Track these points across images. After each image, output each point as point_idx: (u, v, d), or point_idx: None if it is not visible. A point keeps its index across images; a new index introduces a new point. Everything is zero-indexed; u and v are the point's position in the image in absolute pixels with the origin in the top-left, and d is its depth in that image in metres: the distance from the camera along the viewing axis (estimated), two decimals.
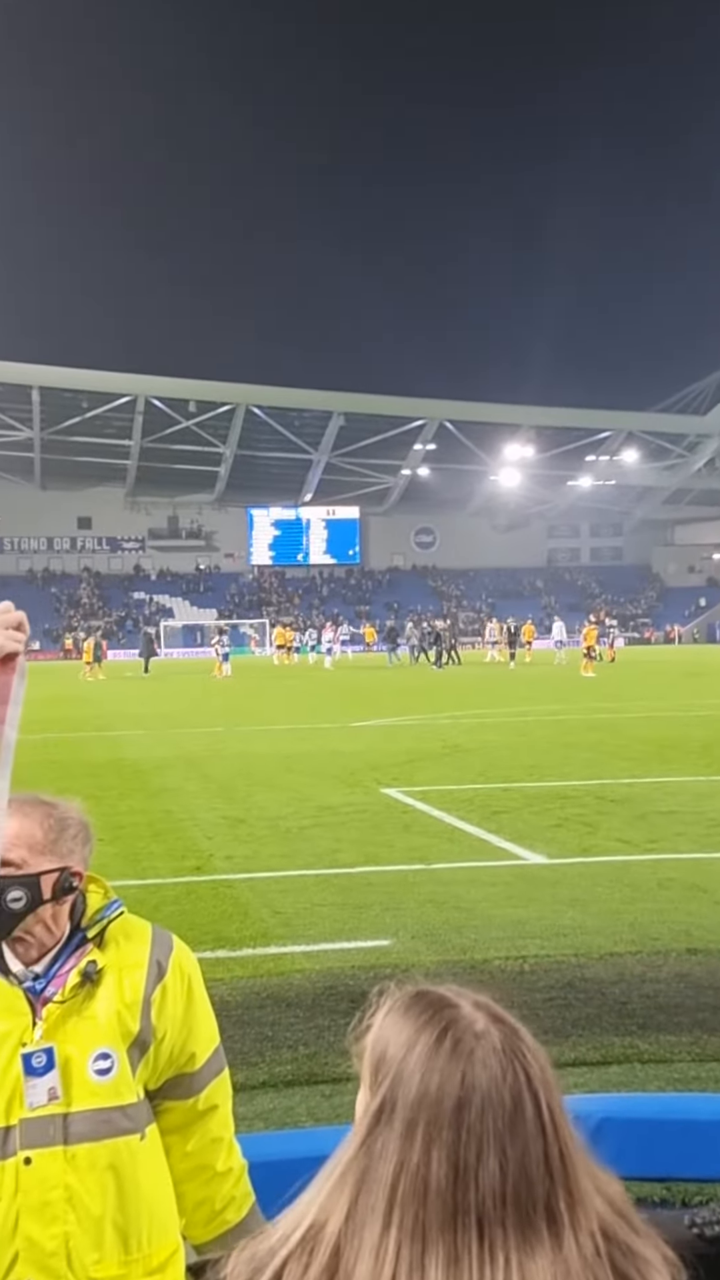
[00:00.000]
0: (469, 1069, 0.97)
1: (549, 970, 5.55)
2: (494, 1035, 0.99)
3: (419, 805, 10.74)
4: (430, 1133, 0.95)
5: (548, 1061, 1.00)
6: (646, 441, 73.30)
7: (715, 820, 9.64)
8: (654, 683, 30.18)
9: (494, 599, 78.67)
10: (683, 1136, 3.06)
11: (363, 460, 73.97)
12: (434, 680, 33.65)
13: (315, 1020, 4.85)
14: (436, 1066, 0.97)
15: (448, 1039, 0.99)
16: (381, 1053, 1.00)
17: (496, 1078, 0.96)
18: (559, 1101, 0.99)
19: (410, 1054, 0.98)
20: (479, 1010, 1.02)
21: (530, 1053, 0.99)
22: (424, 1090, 0.96)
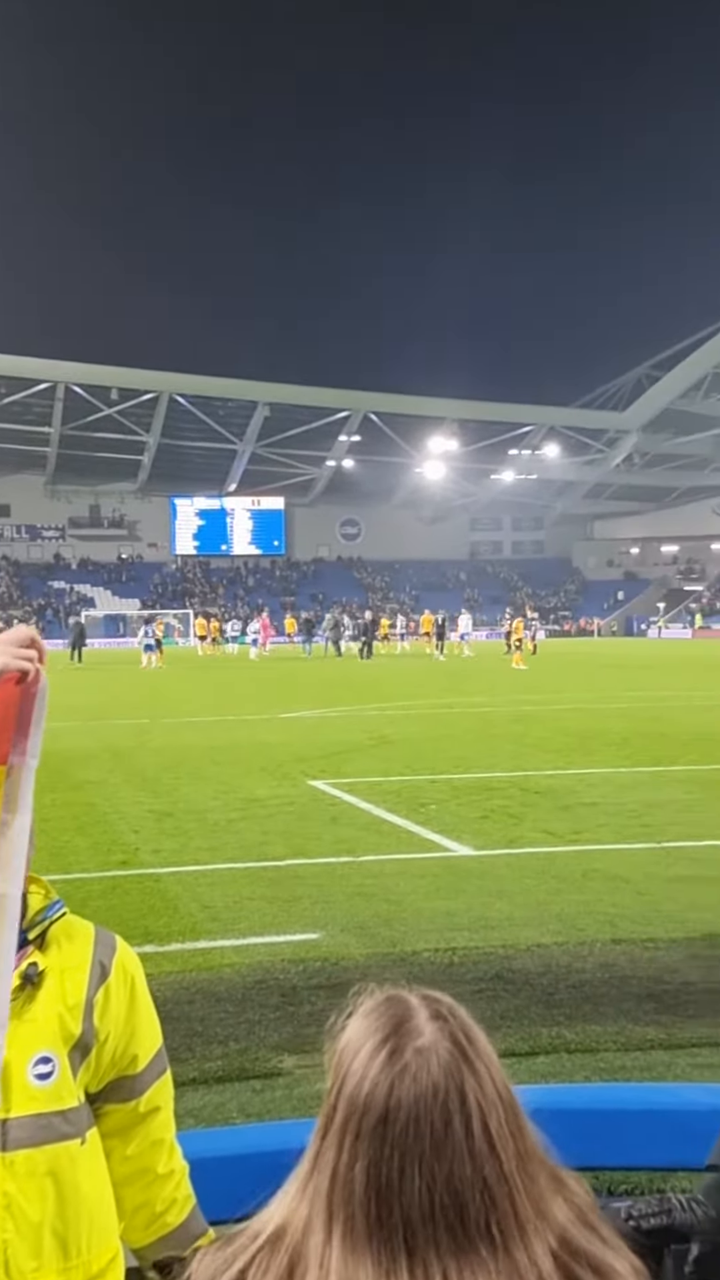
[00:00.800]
0: (399, 1083, 0.95)
1: (477, 962, 5.60)
2: (439, 1050, 0.96)
3: (346, 797, 10.76)
4: (356, 1143, 0.94)
5: (499, 1081, 0.98)
6: (567, 437, 74.27)
7: (636, 812, 9.82)
8: (575, 675, 30.64)
9: (418, 591, 79.11)
10: (609, 1126, 3.11)
11: (288, 451, 73.74)
12: (360, 672, 33.73)
13: (245, 1015, 4.84)
14: (370, 1076, 0.95)
15: (386, 1049, 0.97)
16: (338, 1054, 0.99)
17: (426, 1095, 0.94)
18: (505, 1121, 0.96)
19: (355, 1060, 0.97)
20: (434, 1022, 0.99)
21: (476, 1073, 0.96)
22: (354, 1097, 0.95)
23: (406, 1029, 0.98)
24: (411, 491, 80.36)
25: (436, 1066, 0.95)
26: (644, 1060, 4.35)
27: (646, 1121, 3.14)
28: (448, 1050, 0.96)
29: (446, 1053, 0.96)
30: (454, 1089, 0.94)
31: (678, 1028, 4.63)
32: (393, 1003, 1.01)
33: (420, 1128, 0.93)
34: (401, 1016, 0.99)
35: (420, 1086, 0.94)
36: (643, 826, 9.20)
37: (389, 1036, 0.98)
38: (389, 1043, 0.97)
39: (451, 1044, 0.97)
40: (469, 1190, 0.92)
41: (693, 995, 4.97)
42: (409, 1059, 0.96)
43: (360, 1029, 1.00)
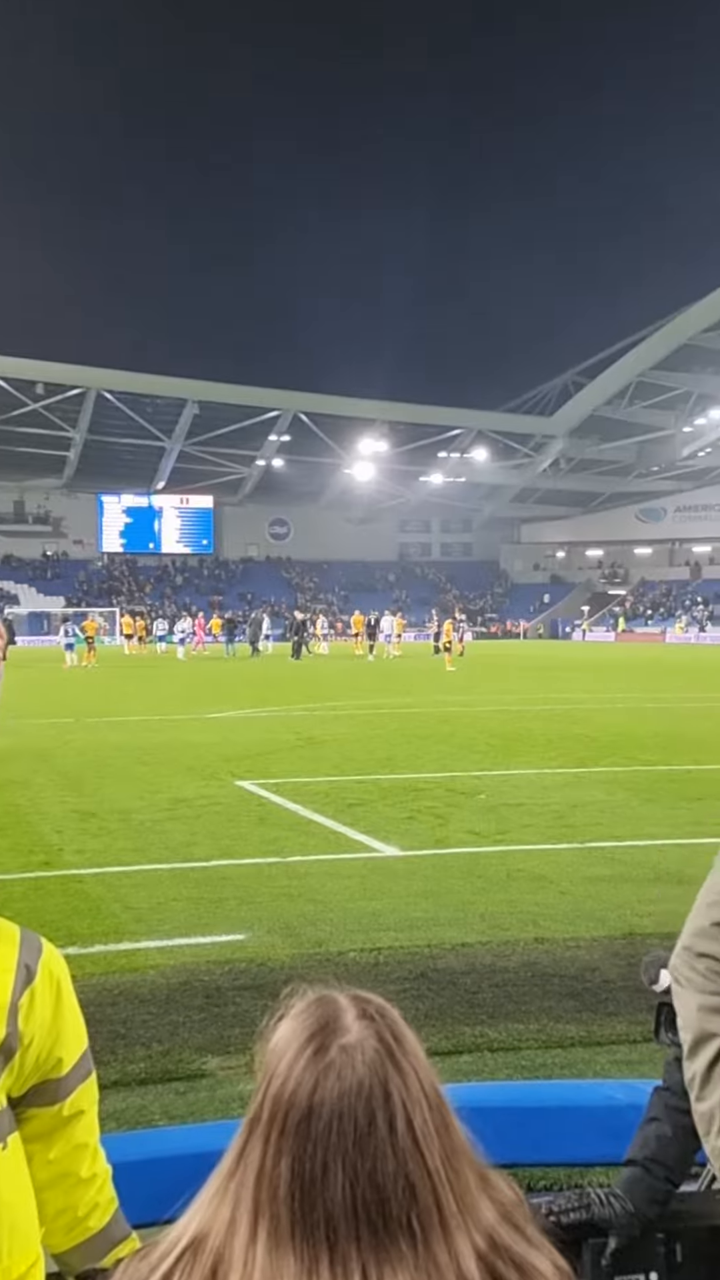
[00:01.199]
0: (323, 1080, 0.95)
1: (402, 961, 5.64)
2: (365, 1049, 0.97)
3: (274, 798, 10.74)
4: (281, 1140, 0.94)
5: (426, 1080, 0.98)
6: (495, 440, 74.94)
7: (560, 812, 9.95)
8: (501, 677, 30.94)
9: (347, 591, 79.23)
10: (529, 1123, 3.16)
11: (217, 449, 73.29)
12: (288, 672, 33.67)
13: (169, 1016, 4.81)
14: (294, 1073, 0.96)
15: (311, 1046, 0.97)
16: (267, 1056, 1.00)
17: (350, 1092, 0.95)
18: (430, 1119, 0.97)
19: (281, 1057, 0.97)
20: (361, 1020, 0.99)
21: (402, 1071, 0.97)
22: (280, 1094, 0.96)
23: (333, 1027, 0.99)
24: (341, 492, 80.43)
25: (361, 1064, 0.96)
26: (565, 1058, 4.41)
27: (566, 1118, 3.19)
28: (374, 1048, 0.97)
29: (372, 1050, 0.97)
30: (378, 1086, 0.95)
31: (598, 1025, 4.72)
32: (322, 1003, 1.02)
33: (344, 1124, 0.94)
34: (329, 1016, 1.00)
35: (345, 1083, 0.95)
36: (566, 827, 9.33)
37: (315, 1035, 0.98)
38: (314, 1041, 0.98)
39: (378, 1042, 0.98)
40: (391, 1186, 0.93)
41: (612, 993, 5.06)
42: (334, 1056, 0.96)
43: (288, 1029, 1.00)
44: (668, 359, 65.22)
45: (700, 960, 1.17)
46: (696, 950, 1.19)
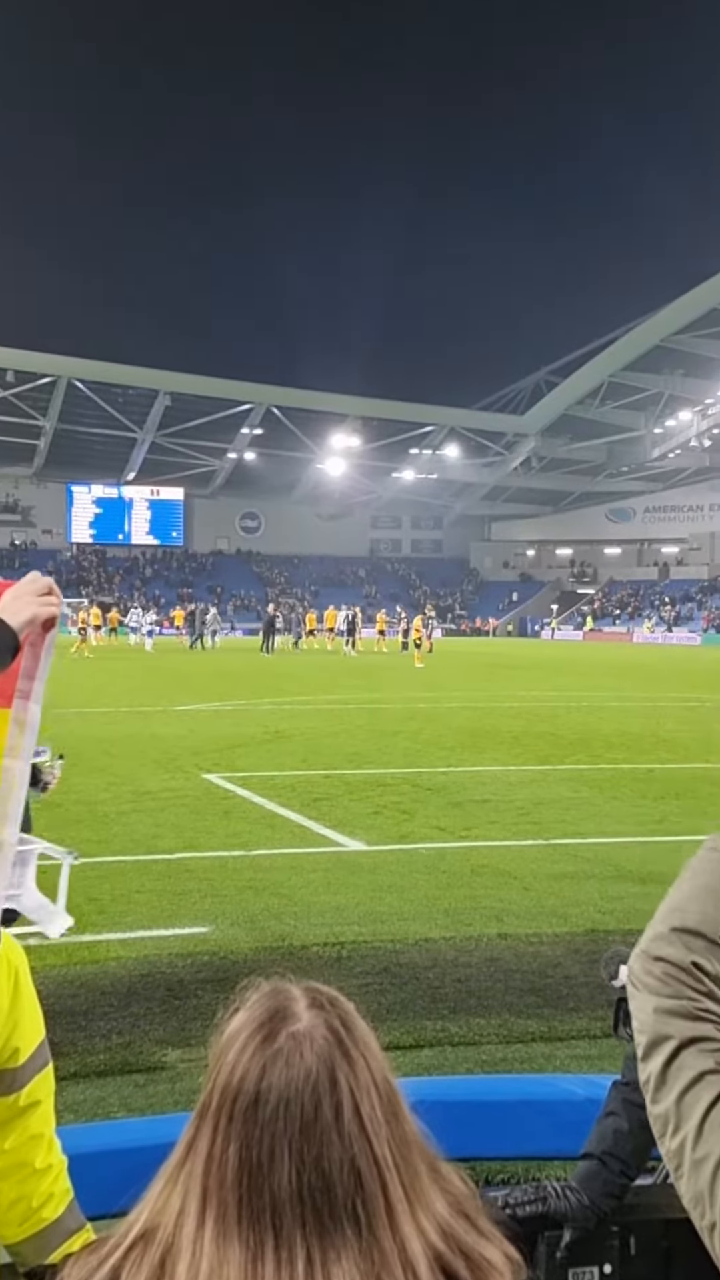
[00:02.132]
0: (271, 1067, 0.95)
1: (365, 956, 5.65)
2: (314, 1037, 0.97)
3: (240, 791, 10.72)
4: (229, 1127, 0.94)
5: (377, 1069, 0.99)
6: (467, 438, 75.13)
7: (525, 809, 10.00)
8: (469, 674, 31.04)
9: (317, 586, 79.17)
10: (488, 1117, 3.17)
11: (189, 441, 72.97)
12: (257, 666, 33.61)
13: (130, 1008, 4.80)
14: (243, 1060, 0.96)
15: (261, 1034, 0.97)
16: (219, 1047, 1.00)
17: (297, 1079, 0.95)
18: (379, 1107, 0.97)
19: (231, 1046, 0.98)
20: (312, 1009, 1.00)
21: (351, 1060, 0.97)
22: (229, 1082, 0.96)
23: (283, 1016, 0.99)
24: (313, 487, 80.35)
25: (310, 1051, 0.96)
26: (524, 1052, 4.44)
27: (524, 1112, 3.21)
28: (323, 1037, 0.97)
29: (322, 1039, 0.97)
30: (326, 1073, 0.95)
31: (558, 1020, 4.74)
32: (274, 993, 1.02)
33: (290, 1110, 0.94)
34: (280, 1005, 1.00)
35: (292, 1070, 0.95)
36: (531, 823, 9.37)
37: (265, 1023, 0.98)
38: (264, 1029, 0.98)
39: (328, 1031, 0.98)
40: (337, 1173, 0.93)
41: (573, 989, 5.09)
42: (283, 1043, 0.97)
43: (240, 1019, 1.01)
44: (639, 360, 65.65)
45: (656, 964, 1.19)
46: (653, 954, 1.20)
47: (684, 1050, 1.16)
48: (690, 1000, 1.18)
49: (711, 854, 1.30)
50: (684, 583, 76.44)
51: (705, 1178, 1.08)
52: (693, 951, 1.20)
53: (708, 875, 1.28)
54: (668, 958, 1.20)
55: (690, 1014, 1.18)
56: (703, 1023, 1.17)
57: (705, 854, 1.31)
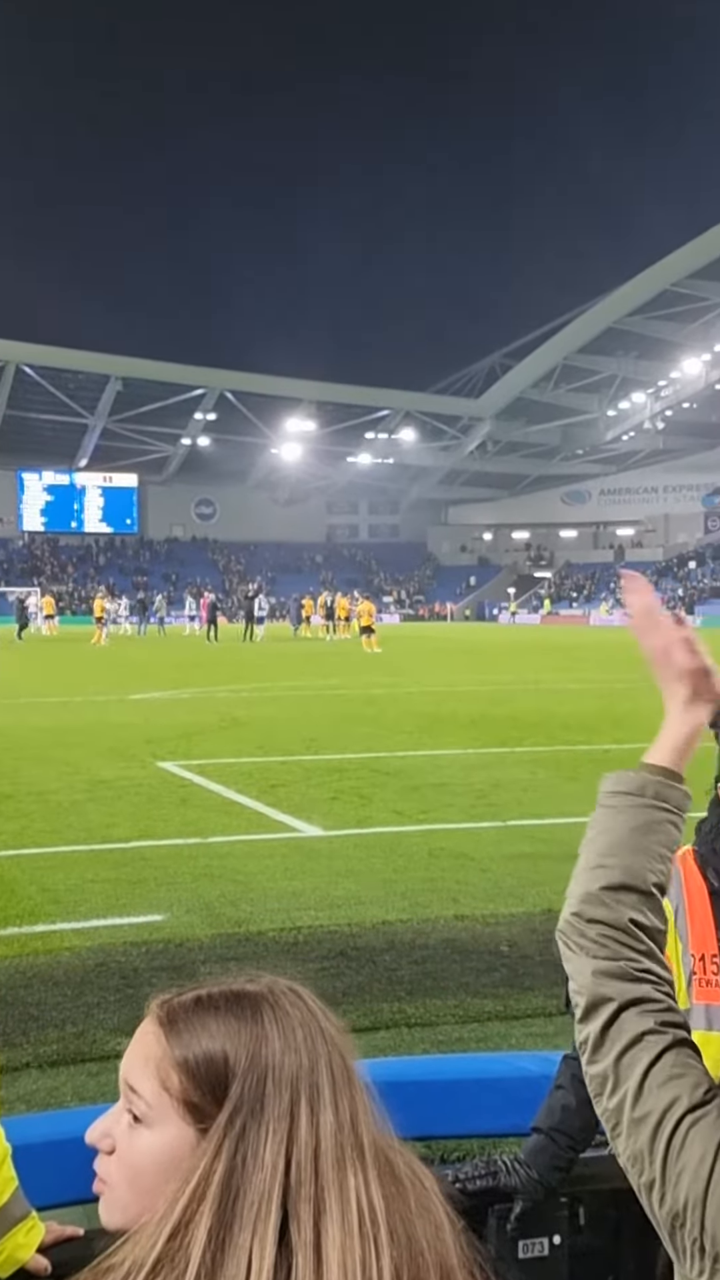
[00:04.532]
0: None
1: (322, 940, 5.64)
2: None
3: (196, 779, 10.66)
4: (312, 1105, 0.95)
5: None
6: (423, 422, 75.16)
7: (482, 791, 10.03)
8: (428, 659, 31.10)
9: (274, 573, 78.95)
10: (444, 1096, 3.18)
11: (142, 427, 72.37)
12: (212, 653, 33.46)
13: (84, 998, 4.75)
14: (294, 1045, 0.97)
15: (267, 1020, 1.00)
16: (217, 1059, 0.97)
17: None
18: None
19: (265, 1045, 0.97)
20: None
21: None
22: (297, 1067, 0.96)
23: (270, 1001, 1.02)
24: (268, 472, 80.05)
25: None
26: (481, 1032, 4.45)
27: (480, 1090, 3.21)
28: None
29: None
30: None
31: (515, 999, 4.76)
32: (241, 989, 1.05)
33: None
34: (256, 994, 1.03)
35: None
36: (488, 806, 9.40)
37: (261, 1011, 1.00)
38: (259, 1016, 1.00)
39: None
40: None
41: (530, 968, 5.11)
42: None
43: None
44: (593, 343, 66.01)
45: (591, 926, 1.20)
46: (586, 916, 1.21)
47: (624, 1012, 1.17)
48: (629, 961, 1.19)
49: (612, 801, 1.32)
50: (639, 564, 77.03)
51: (644, 1136, 1.09)
52: (627, 908, 1.21)
53: (618, 824, 1.29)
54: (602, 919, 1.20)
55: (629, 975, 1.19)
56: (642, 984, 1.18)
57: (607, 802, 1.32)
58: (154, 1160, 0.97)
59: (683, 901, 2.11)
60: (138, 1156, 0.98)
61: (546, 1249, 2.17)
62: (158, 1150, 0.97)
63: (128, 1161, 0.99)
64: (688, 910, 2.10)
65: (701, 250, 57.36)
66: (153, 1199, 0.94)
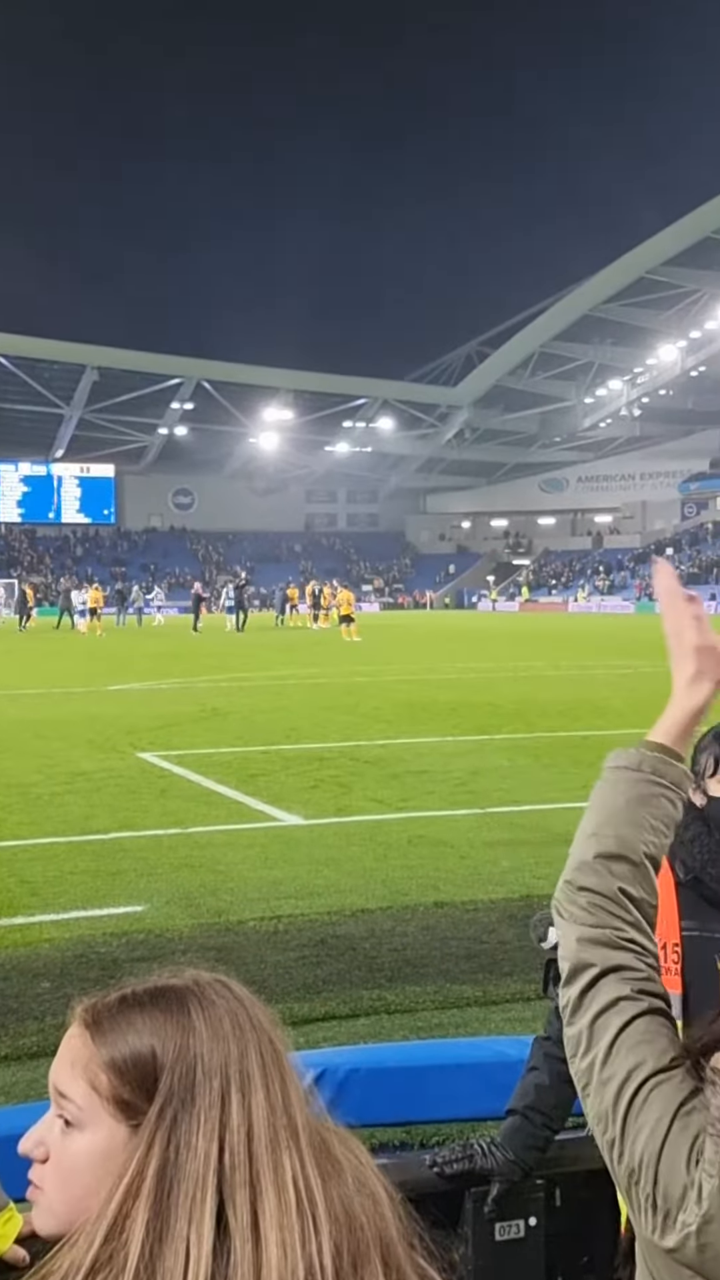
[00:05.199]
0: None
1: (302, 929, 5.65)
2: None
3: (176, 769, 10.65)
4: (243, 1090, 0.95)
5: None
6: (400, 410, 75.04)
7: (462, 779, 10.07)
8: (408, 647, 31.14)
9: (253, 562, 78.77)
10: (424, 1082, 3.20)
11: (118, 417, 71.94)
12: (192, 644, 33.40)
13: (64, 989, 4.74)
14: (221, 1034, 0.97)
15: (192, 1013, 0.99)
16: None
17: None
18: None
19: (192, 1036, 0.97)
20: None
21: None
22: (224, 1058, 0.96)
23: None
24: (246, 461, 79.77)
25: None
26: (460, 1017, 4.48)
27: (458, 1075, 3.23)
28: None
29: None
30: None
31: (493, 985, 4.79)
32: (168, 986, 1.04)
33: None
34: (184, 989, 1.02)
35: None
36: (468, 793, 9.44)
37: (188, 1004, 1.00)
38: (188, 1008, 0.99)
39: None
40: None
41: (508, 953, 5.14)
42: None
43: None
44: (569, 330, 66.02)
45: (581, 894, 1.24)
46: (578, 884, 1.25)
47: (604, 978, 1.21)
48: (614, 930, 1.23)
49: (611, 775, 1.33)
50: (617, 551, 77.34)
51: (609, 1096, 1.14)
52: (617, 878, 1.25)
53: (615, 796, 1.31)
54: (592, 887, 1.24)
55: (613, 943, 1.22)
56: (624, 951, 1.22)
57: (607, 776, 1.34)
58: (87, 1162, 0.96)
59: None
60: (71, 1160, 0.98)
61: (523, 1231, 2.19)
62: (90, 1151, 0.96)
63: (61, 1166, 0.98)
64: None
65: (676, 237, 57.46)
66: (86, 1202, 0.93)
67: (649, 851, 1.28)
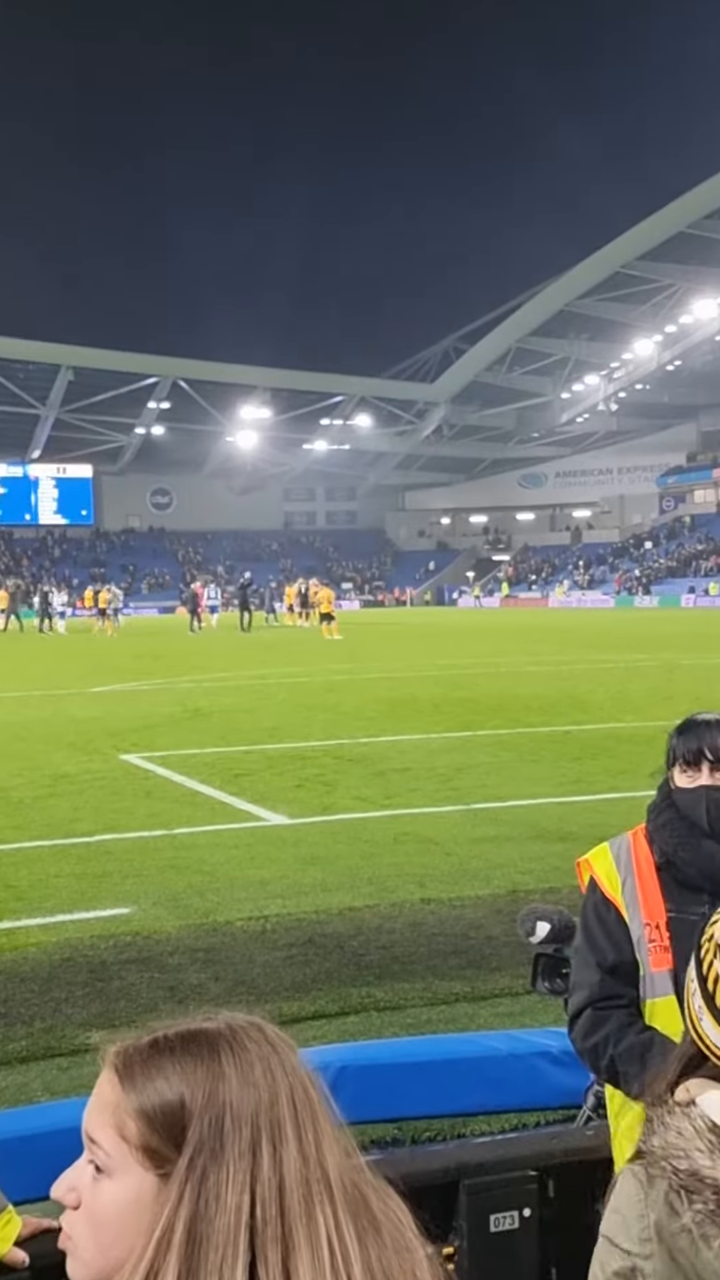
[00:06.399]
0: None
1: (290, 928, 5.66)
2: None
3: (160, 770, 10.64)
4: (274, 1141, 0.94)
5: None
6: (378, 407, 75.00)
7: (446, 775, 10.09)
8: (389, 644, 31.17)
9: (232, 561, 78.63)
10: (414, 1078, 3.22)
11: (95, 417, 71.60)
12: (174, 645, 33.33)
13: (51, 993, 4.75)
14: (252, 1081, 0.96)
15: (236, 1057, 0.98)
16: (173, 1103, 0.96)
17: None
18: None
19: (222, 1084, 0.96)
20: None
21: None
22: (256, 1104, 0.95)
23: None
24: (224, 460, 79.58)
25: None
26: (449, 1013, 4.50)
27: (449, 1071, 3.26)
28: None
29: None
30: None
31: (481, 980, 4.82)
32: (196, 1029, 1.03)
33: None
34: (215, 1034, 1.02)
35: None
36: (452, 790, 9.47)
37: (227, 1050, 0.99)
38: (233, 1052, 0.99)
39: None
40: None
41: (495, 949, 5.17)
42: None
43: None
44: (545, 325, 66.12)
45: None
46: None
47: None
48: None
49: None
50: (596, 546, 77.61)
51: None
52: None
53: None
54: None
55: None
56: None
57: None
58: (116, 1211, 0.95)
59: (632, 873, 2.26)
60: (100, 1208, 0.96)
61: (517, 1222, 2.21)
62: (120, 1200, 0.95)
63: (91, 1213, 0.97)
64: (638, 881, 2.26)
65: (650, 232, 57.62)
66: (117, 1252, 0.93)
67: None
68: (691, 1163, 1.09)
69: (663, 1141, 1.10)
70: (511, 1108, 3.19)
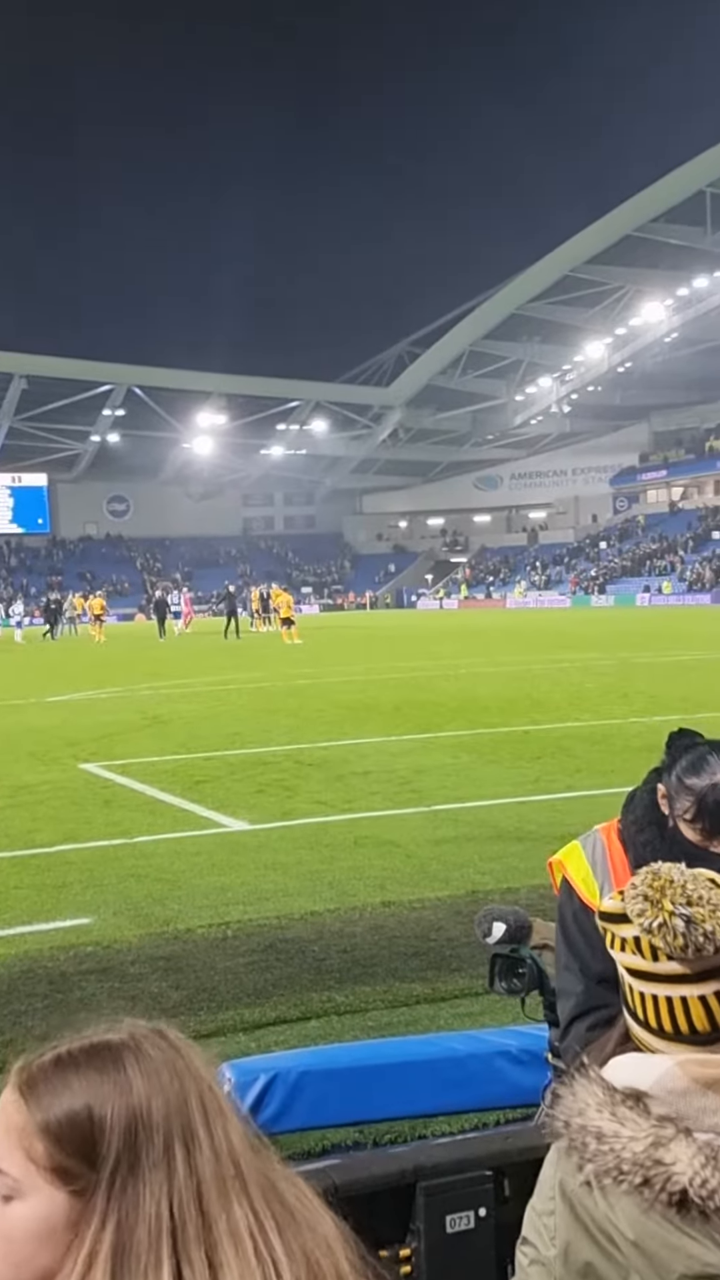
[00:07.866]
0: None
1: (251, 934, 5.66)
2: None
3: (120, 779, 10.58)
4: (187, 1144, 0.94)
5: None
6: (334, 412, 75.09)
7: (406, 778, 10.13)
8: (349, 648, 31.19)
9: (190, 568, 78.33)
10: (375, 1081, 3.24)
11: (49, 425, 71.08)
12: (132, 652, 33.13)
13: (10, 1006, 4.71)
14: (159, 1086, 0.96)
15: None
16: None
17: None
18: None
19: (130, 1093, 0.96)
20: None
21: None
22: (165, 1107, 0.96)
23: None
24: (180, 467, 79.30)
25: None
26: (409, 1015, 4.52)
27: (409, 1073, 3.28)
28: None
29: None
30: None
31: (441, 981, 4.85)
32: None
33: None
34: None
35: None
36: (412, 792, 9.50)
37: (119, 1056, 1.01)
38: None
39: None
40: None
41: (455, 949, 5.20)
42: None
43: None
44: (498, 328, 66.54)
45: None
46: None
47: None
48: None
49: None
50: (552, 546, 78.16)
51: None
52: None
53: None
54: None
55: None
56: None
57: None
58: (26, 1231, 0.93)
59: (609, 877, 2.25)
60: (11, 1229, 0.94)
61: (473, 1222, 2.24)
62: (30, 1220, 0.93)
63: (3, 1235, 0.95)
64: (615, 886, 2.24)
65: (599, 235, 58.16)
66: (30, 1271, 0.92)
67: None
68: (586, 1119, 1.17)
69: (565, 1106, 1.19)
70: (472, 1108, 3.21)
